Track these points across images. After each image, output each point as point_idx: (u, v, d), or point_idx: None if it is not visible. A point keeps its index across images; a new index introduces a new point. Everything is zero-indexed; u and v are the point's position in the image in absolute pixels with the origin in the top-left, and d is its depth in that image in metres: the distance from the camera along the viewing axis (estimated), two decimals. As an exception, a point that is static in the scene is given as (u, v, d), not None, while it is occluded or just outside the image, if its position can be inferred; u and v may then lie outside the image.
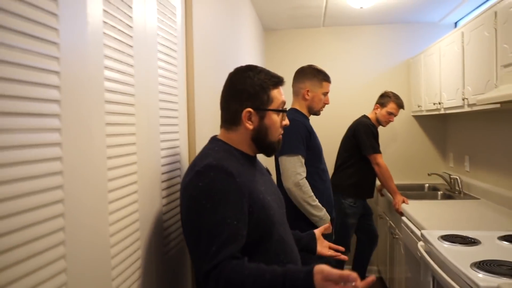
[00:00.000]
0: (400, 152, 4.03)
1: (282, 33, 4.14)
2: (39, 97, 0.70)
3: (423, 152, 4.02)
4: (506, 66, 2.01)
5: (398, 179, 3.89)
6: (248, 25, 3.11)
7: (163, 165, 1.29)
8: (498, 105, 2.10)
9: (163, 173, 1.29)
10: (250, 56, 3.15)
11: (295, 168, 2.13)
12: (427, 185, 3.81)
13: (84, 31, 0.84)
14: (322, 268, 1.01)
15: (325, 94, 2.37)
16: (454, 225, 2.26)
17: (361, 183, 3.24)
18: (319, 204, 2.15)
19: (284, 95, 1.30)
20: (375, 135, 3.23)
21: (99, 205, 0.89)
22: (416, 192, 3.63)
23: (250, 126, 1.24)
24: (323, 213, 2.15)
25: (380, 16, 3.71)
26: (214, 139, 1.31)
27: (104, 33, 0.93)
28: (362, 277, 3.47)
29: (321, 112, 2.40)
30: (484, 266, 1.61)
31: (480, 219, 2.41)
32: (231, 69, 1.21)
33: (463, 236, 2.03)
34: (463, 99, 2.59)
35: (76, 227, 0.79)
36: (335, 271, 0.99)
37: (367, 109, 3.46)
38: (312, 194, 2.14)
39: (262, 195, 1.22)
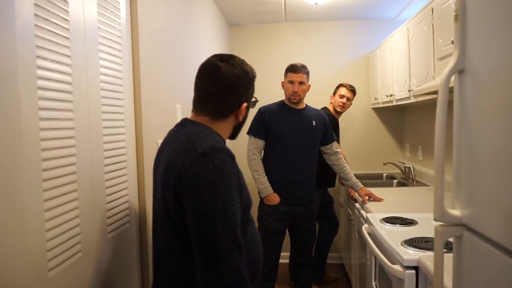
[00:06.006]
0: (361, 143, 4.19)
1: (246, 28, 4.24)
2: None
3: (383, 142, 4.20)
4: (441, 58, 2.16)
5: (359, 169, 4.06)
6: (209, 20, 3.19)
7: (106, 165, 1.39)
8: (435, 96, 2.25)
9: (106, 165, 1.39)
10: (212, 50, 3.23)
11: (248, 146, 2.73)
12: (385, 174, 3.98)
13: (13, 25, 0.93)
14: None
15: (290, 82, 2.73)
16: (400, 209, 2.41)
17: (322, 173, 3.38)
18: (261, 179, 2.68)
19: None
20: (333, 125, 3.37)
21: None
22: (375, 180, 3.79)
23: (241, 118, 1.33)
24: (261, 187, 2.69)
25: (338, 13, 3.85)
26: (196, 123, 1.30)
27: (36, 25, 1.01)
28: (323, 263, 3.64)
29: (295, 100, 2.74)
30: (413, 242, 1.75)
31: (425, 203, 2.57)
32: (190, 64, 1.23)
33: (402, 218, 2.18)
34: (409, 91, 2.75)
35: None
36: None
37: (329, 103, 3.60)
38: (258, 169, 2.69)
39: (244, 179, 1.29)
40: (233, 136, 1.40)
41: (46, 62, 1.05)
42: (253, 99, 1.39)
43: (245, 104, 1.31)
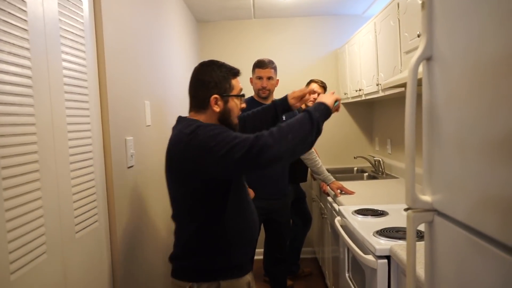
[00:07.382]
0: (332, 138, 4.24)
1: (215, 25, 4.21)
2: None
3: (353, 137, 4.26)
4: (407, 52, 2.20)
5: (330, 163, 4.10)
6: (177, 16, 3.14)
7: (72, 163, 1.34)
8: (403, 88, 2.29)
9: (71, 163, 1.34)
10: (180, 47, 3.18)
11: None
12: (356, 168, 4.04)
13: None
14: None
15: (258, 78, 2.73)
16: (371, 201, 2.45)
17: (294, 167, 3.39)
18: None
19: (241, 83, 1.61)
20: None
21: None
22: (346, 174, 3.84)
23: (217, 109, 1.54)
24: None
25: (307, 9, 3.87)
26: (185, 118, 1.56)
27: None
28: (297, 258, 3.66)
29: (264, 94, 2.73)
30: (384, 232, 1.78)
31: (395, 195, 2.62)
32: (158, 61, 1.34)
33: (374, 209, 2.21)
34: (377, 85, 2.80)
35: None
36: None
37: (298, 98, 3.61)
38: None
39: None
40: None
41: (2, 55, 1.00)
42: (240, 95, 1.59)
43: (214, 96, 1.52)
